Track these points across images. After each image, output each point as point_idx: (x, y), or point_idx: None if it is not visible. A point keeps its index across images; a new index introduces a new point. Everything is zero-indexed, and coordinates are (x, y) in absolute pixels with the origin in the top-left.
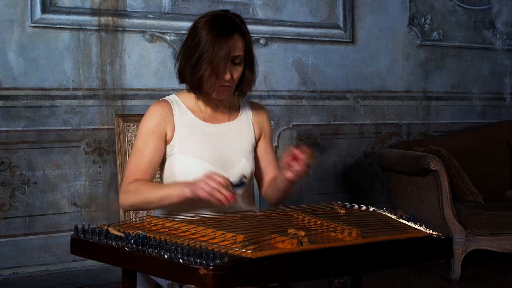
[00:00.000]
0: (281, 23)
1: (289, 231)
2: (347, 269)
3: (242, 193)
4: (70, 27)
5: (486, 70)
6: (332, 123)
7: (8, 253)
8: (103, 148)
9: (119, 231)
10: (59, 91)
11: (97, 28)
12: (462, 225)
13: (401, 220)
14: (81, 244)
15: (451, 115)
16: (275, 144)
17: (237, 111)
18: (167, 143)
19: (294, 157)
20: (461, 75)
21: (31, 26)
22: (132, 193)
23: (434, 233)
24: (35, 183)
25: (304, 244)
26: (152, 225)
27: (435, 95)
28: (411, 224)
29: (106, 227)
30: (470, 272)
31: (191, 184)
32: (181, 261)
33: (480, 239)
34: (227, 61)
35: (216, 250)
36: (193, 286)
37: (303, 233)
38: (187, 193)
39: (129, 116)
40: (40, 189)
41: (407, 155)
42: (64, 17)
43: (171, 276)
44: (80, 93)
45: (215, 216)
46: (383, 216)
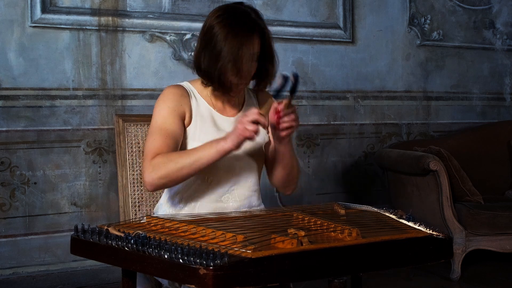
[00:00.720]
0: (281, 23)
1: (289, 231)
2: (347, 269)
3: (252, 188)
4: (70, 27)
5: (486, 70)
6: (332, 123)
7: (8, 253)
8: (103, 148)
9: (119, 231)
10: (59, 91)
11: (97, 28)
12: (462, 225)
13: (401, 220)
14: (81, 244)
15: (451, 115)
16: None
17: (242, 100)
18: (185, 127)
19: (276, 112)
20: (461, 75)
21: (31, 26)
22: (161, 164)
23: (434, 233)
24: (35, 183)
25: (304, 244)
26: (152, 225)
27: (435, 95)
28: (411, 224)
29: (106, 227)
30: (470, 272)
31: (226, 136)
32: (181, 261)
33: (480, 239)
34: (249, 62)
35: (216, 250)
36: (193, 286)
37: (303, 233)
38: (226, 146)
39: (129, 116)
40: (40, 189)
41: (407, 155)
42: (64, 17)
43: (171, 276)
44: (80, 93)
45: (215, 216)
46: (383, 216)
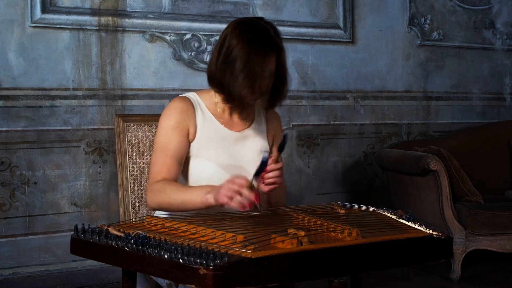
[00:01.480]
0: (281, 23)
1: (289, 231)
2: (347, 269)
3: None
4: (70, 27)
5: (486, 70)
6: (332, 123)
7: (8, 253)
8: (103, 148)
9: (119, 231)
10: (59, 91)
11: (97, 28)
12: (462, 225)
13: (401, 220)
14: (81, 244)
15: (451, 115)
16: None
17: (251, 118)
18: (190, 142)
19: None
20: (461, 75)
21: (31, 26)
22: (157, 192)
23: (434, 233)
24: (35, 183)
25: (304, 244)
26: (152, 225)
27: (435, 95)
28: (411, 224)
29: (106, 227)
30: (470, 272)
31: (214, 190)
32: (181, 261)
33: (480, 239)
34: (267, 80)
35: (216, 250)
36: (193, 286)
37: (303, 233)
38: (210, 200)
39: (129, 116)
40: (40, 189)
41: (407, 155)
42: (64, 17)
43: (171, 276)
44: (80, 93)
45: (215, 216)
46: (383, 216)
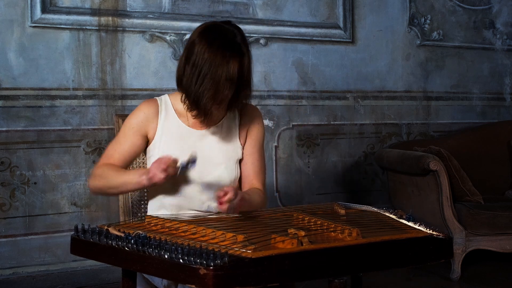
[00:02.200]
0: (281, 23)
1: (289, 231)
2: (347, 269)
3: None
4: (70, 27)
5: (486, 70)
6: (332, 123)
7: (8, 253)
8: (103, 148)
9: (119, 231)
10: (59, 91)
11: (97, 28)
12: (462, 225)
13: (401, 220)
14: (81, 244)
15: (451, 115)
16: (275, 144)
17: (222, 115)
18: (149, 142)
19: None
20: (461, 75)
21: (31, 26)
22: (97, 177)
23: (434, 233)
24: (35, 183)
25: (304, 244)
26: (152, 225)
27: (435, 95)
28: (411, 224)
29: (106, 227)
30: (470, 272)
31: (147, 171)
32: (181, 261)
33: (480, 239)
34: (228, 86)
35: (216, 250)
36: (193, 286)
37: (303, 233)
38: (144, 181)
39: None
40: (40, 189)
41: (407, 155)
42: (64, 17)
43: (171, 276)
44: (80, 93)
45: (215, 216)
46: (383, 216)
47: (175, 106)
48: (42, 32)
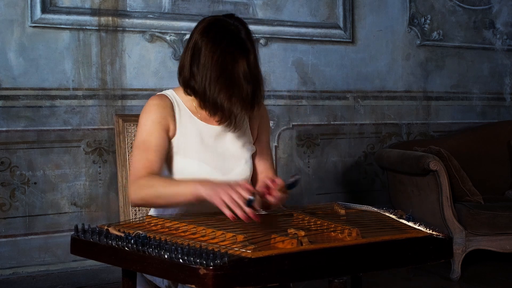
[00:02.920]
0: (281, 23)
1: (289, 231)
2: (347, 269)
3: None
4: (70, 27)
5: (486, 70)
6: (332, 123)
7: (8, 253)
8: (103, 148)
9: (119, 231)
10: (59, 91)
11: (97, 28)
12: (462, 225)
13: (401, 220)
14: (81, 244)
15: (451, 115)
16: (275, 144)
17: None
18: (170, 139)
19: (267, 188)
20: (461, 75)
21: (31, 26)
22: (143, 187)
23: (434, 233)
24: (35, 183)
25: (304, 244)
26: (152, 225)
27: (435, 95)
28: (411, 224)
29: (106, 227)
30: (470, 272)
31: (208, 186)
32: (181, 261)
33: (480, 239)
34: (244, 84)
35: (216, 250)
36: (193, 286)
37: (303, 233)
38: (202, 193)
39: (129, 116)
40: (40, 189)
41: (407, 155)
42: (64, 17)
43: (171, 276)
44: (80, 93)
45: (215, 216)
46: (383, 216)
47: (184, 102)
48: (42, 32)
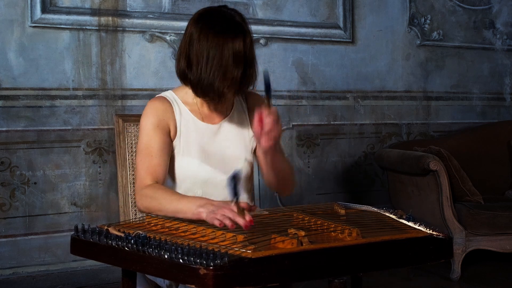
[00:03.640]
0: (281, 23)
1: (289, 231)
2: (347, 269)
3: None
4: (70, 27)
5: (486, 70)
6: (332, 123)
7: (8, 253)
8: (103, 148)
9: (119, 231)
10: (59, 91)
11: (97, 28)
12: (462, 225)
13: (401, 220)
14: (81, 244)
15: (451, 115)
16: None
17: (231, 107)
18: (172, 140)
19: (260, 119)
20: (461, 75)
21: (31, 26)
22: (147, 197)
23: (434, 233)
24: (35, 183)
25: (304, 244)
26: (152, 225)
27: (435, 95)
28: (411, 224)
29: (106, 227)
30: (470, 272)
31: (208, 204)
32: (181, 261)
33: (480, 239)
34: (236, 64)
35: (216, 250)
36: (193, 286)
37: (303, 233)
38: (202, 215)
39: (129, 116)
40: (40, 189)
41: (407, 155)
42: (64, 17)
43: (171, 276)
44: (80, 93)
45: None
46: (383, 216)
47: (184, 101)
48: (42, 32)
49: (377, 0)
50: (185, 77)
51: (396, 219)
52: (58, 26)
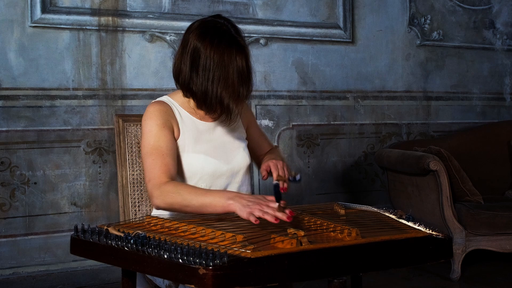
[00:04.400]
0: (281, 23)
1: (289, 231)
2: (347, 269)
3: (240, 189)
4: (70, 27)
5: (486, 70)
6: (332, 123)
7: (8, 253)
8: (103, 148)
9: (119, 231)
10: (59, 91)
11: (97, 28)
12: (462, 225)
13: (401, 220)
14: (81, 244)
15: (451, 115)
16: (275, 144)
17: None
18: (176, 140)
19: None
20: (461, 75)
21: (31, 26)
22: (169, 193)
23: (434, 233)
24: (35, 183)
25: (303, 244)
26: (152, 225)
27: (435, 95)
28: (411, 224)
29: (106, 227)
30: (470, 272)
31: (237, 197)
32: (180, 261)
33: (480, 239)
34: (243, 80)
35: (215, 250)
36: (192, 286)
37: (302, 233)
38: (232, 206)
39: (129, 116)
40: (40, 189)
41: (407, 155)
42: (64, 17)
43: (171, 276)
44: (80, 93)
45: (215, 216)
46: (383, 216)
47: (180, 105)
48: (42, 32)
49: (377, 0)
50: (188, 90)
51: (396, 219)
52: (58, 26)
